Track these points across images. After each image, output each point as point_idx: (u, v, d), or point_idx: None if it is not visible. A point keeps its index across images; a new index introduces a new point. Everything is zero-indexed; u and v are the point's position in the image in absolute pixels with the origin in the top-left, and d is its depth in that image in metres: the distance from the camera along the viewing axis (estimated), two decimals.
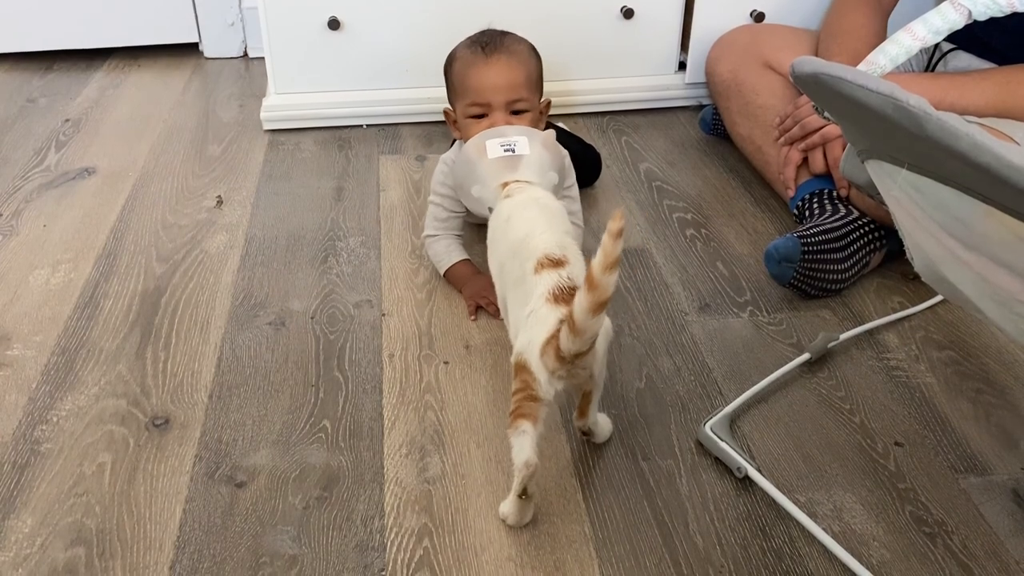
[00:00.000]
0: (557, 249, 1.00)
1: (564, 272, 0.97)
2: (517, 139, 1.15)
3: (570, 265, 0.98)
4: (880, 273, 1.38)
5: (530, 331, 0.94)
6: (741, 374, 1.18)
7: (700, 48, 1.84)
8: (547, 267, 0.98)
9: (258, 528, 0.97)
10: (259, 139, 1.83)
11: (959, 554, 0.94)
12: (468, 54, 1.32)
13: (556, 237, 1.02)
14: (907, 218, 0.78)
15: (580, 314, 0.85)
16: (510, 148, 1.14)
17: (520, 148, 1.15)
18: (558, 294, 0.95)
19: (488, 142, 1.15)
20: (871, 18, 1.49)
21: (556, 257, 0.99)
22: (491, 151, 1.15)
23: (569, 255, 1.00)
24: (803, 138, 1.43)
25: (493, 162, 1.14)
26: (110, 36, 2.20)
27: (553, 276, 0.97)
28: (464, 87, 1.31)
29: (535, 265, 0.99)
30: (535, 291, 0.97)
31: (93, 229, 1.51)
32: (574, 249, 1.02)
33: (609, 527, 0.97)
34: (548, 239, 1.01)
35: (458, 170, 1.21)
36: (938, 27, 0.73)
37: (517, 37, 1.35)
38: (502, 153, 1.14)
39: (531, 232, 1.03)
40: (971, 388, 1.16)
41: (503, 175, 1.13)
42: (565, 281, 0.96)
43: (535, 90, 1.33)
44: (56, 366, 1.20)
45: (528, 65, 1.32)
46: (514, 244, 1.04)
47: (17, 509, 0.99)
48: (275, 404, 1.13)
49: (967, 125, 0.58)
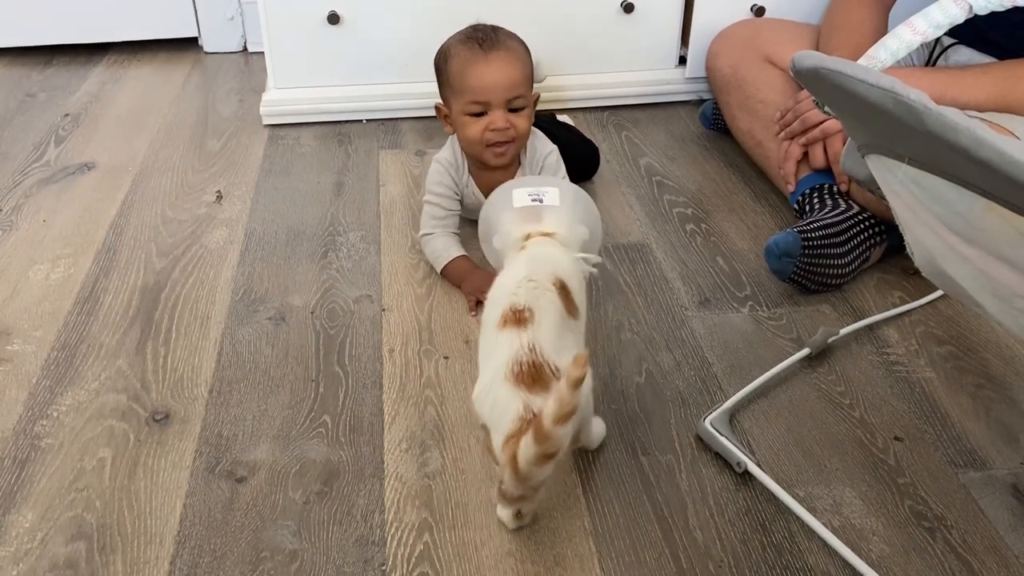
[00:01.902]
0: (523, 299, 0.90)
1: (526, 337, 0.87)
2: (547, 190, 1.06)
3: (534, 325, 0.88)
4: (880, 268, 1.38)
5: (492, 412, 0.87)
6: (741, 369, 1.18)
7: (700, 43, 1.84)
8: (510, 323, 0.89)
9: (258, 523, 0.97)
10: (259, 134, 1.82)
11: (958, 548, 0.94)
12: (465, 51, 1.31)
13: (529, 287, 0.91)
14: (907, 213, 0.78)
15: (524, 464, 0.78)
16: (538, 198, 1.05)
17: (549, 199, 1.05)
18: (518, 371, 0.85)
19: (515, 191, 1.06)
20: (872, 13, 1.49)
21: (519, 309, 0.89)
22: (517, 200, 1.05)
23: (537, 308, 0.89)
24: (803, 133, 1.42)
25: (518, 211, 1.04)
26: (109, 31, 2.20)
27: (515, 341, 0.87)
28: (463, 85, 1.30)
29: (499, 319, 0.90)
30: (497, 355, 0.88)
31: (93, 224, 1.51)
32: (545, 302, 0.91)
33: (609, 522, 0.97)
34: (518, 290, 0.91)
35: (483, 219, 1.13)
36: (939, 22, 0.73)
37: (508, 32, 1.34)
38: (528, 202, 1.05)
39: (511, 278, 0.94)
40: (971, 383, 1.16)
41: (526, 225, 1.02)
42: (526, 352, 0.86)
43: (529, 85, 1.33)
44: (56, 361, 1.20)
45: (524, 61, 1.32)
46: (495, 288, 0.98)
47: (18, 504, 0.99)
48: (275, 399, 1.13)
49: (967, 120, 0.58)
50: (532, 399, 0.83)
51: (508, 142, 1.32)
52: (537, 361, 0.85)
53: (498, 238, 1.05)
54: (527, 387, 0.84)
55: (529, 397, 0.83)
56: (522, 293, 0.91)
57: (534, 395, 0.83)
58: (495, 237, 1.06)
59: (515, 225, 1.03)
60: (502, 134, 1.30)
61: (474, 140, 1.32)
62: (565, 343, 0.90)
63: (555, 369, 0.86)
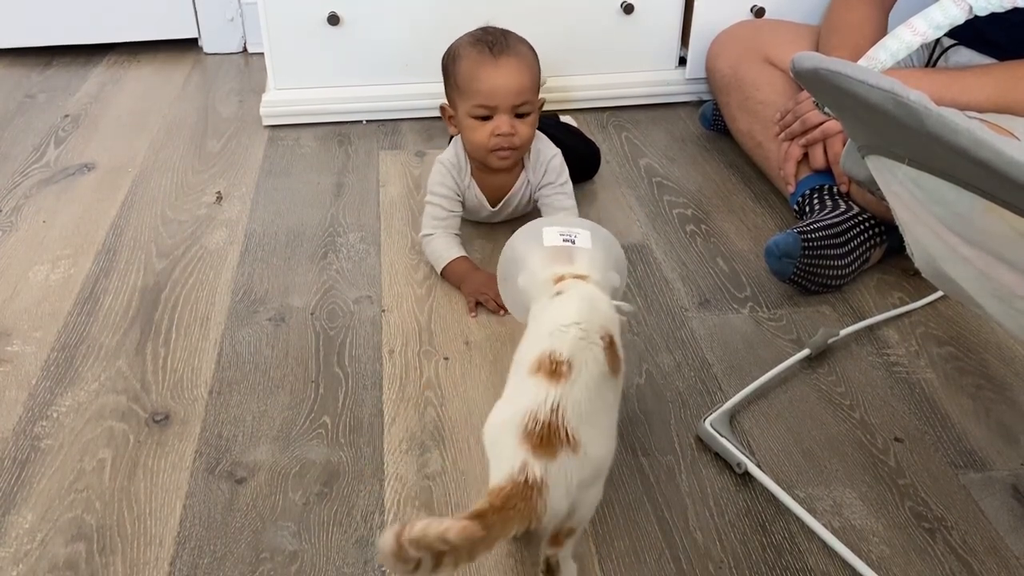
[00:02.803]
0: (567, 350, 0.83)
1: (554, 394, 0.80)
2: (579, 231, 1.00)
3: (568, 383, 0.81)
4: (880, 269, 1.38)
5: (491, 451, 0.83)
6: (741, 370, 1.18)
7: (700, 43, 1.84)
8: (543, 372, 0.82)
9: (258, 524, 0.97)
10: (259, 135, 1.82)
11: (959, 549, 0.94)
12: (475, 54, 1.30)
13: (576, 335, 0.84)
14: (907, 213, 0.78)
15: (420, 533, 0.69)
16: (570, 239, 0.98)
17: (581, 241, 0.98)
18: (531, 428, 0.79)
19: (546, 229, 0.99)
20: (872, 13, 1.49)
21: (559, 360, 0.82)
22: (548, 238, 0.98)
23: (577, 363, 0.83)
24: (803, 134, 1.42)
25: (548, 251, 0.98)
26: (109, 32, 2.20)
27: (540, 394, 0.81)
28: (471, 88, 1.30)
29: (535, 362, 0.83)
30: (519, 400, 0.82)
31: (93, 225, 1.51)
32: (588, 357, 0.84)
33: (609, 523, 0.97)
34: (564, 335, 0.84)
35: (505, 257, 1.05)
36: (939, 22, 0.73)
37: (518, 37, 1.34)
38: (559, 242, 0.98)
39: (561, 314, 0.87)
40: (971, 384, 1.16)
41: (557, 265, 0.95)
42: (547, 411, 0.79)
43: (536, 91, 1.34)
44: (56, 362, 1.20)
45: (533, 68, 1.32)
46: (532, 332, 0.91)
47: (17, 505, 0.99)
48: (275, 400, 1.13)
49: (967, 121, 0.58)
50: (533, 461, 0.77)
51: (512, 148, 1.32)
52: (554, 424, 0.79)
53: (524, 277, 0.98)
54: (533, 447, 0.78)
55: (530, 458, 0.78)
56: (568, 342, 0.84)
57: (536, 457, 0.78)
58: (521, 275, 0.99)
59: (544, 265, 0.96)
60: (506, 140, 1.30)
61: (478, 144, 1.32)
62: (598, 405, 0.83)
63: (572, 437, 0.79)
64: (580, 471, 0.79)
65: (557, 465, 0.78)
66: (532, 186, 1.41)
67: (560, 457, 0.78)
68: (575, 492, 0.79)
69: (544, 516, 0.77)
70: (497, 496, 0.76)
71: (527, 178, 1.40)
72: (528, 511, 0.76)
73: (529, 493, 0.76)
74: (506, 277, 1.04)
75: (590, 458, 0.80)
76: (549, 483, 0.77)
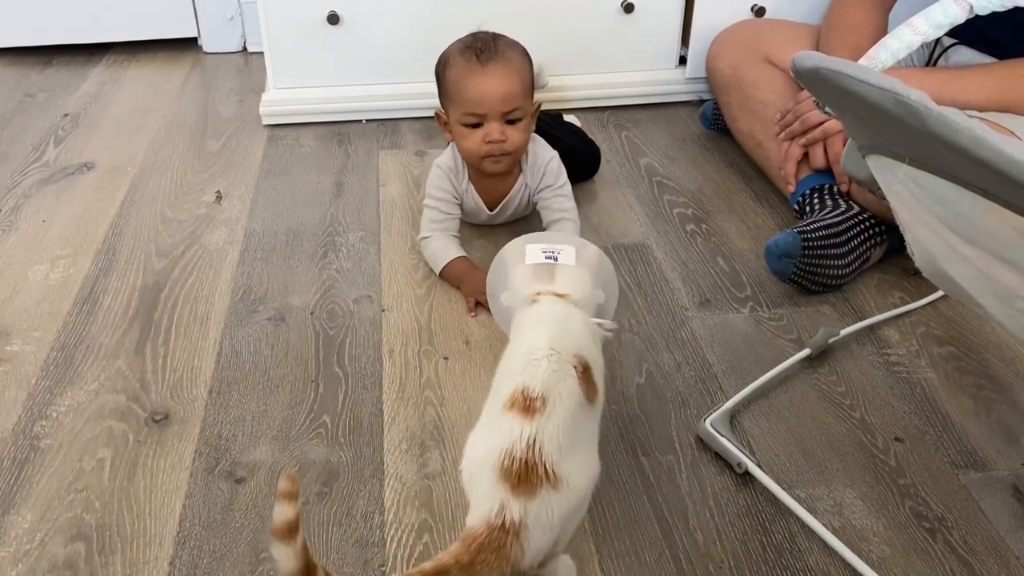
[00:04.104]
0: (539, 384, 0.80)
1: (529, 430, 0.78)
2: (562, 248, 0.97)
3: (541, 417, 0.79)
4: (881, 268, 1.38)
5: (469, 487, 0.81)
6: (741, 370, 1.18)
7: (701, 43, 1.84)
8: (516, 409, 0.80)
9: (258, 524, 0.96)
10: (258, 134, 1.82)
11: (959, 549, 0.94)
12: (463, 62, 1.29)
13: (547, 369, 0.82)
14: (908, 213, 0.78)
15: None
16: (552, 256, 0.97)
17: (564, 258, 0.97)
18: (507, 466, 0.77)
19: (529, 247, 0.98)
20: (872, 13, 1.48)
21: (532, 396, 0.80)
22: (530, 256, 0.97)
23: (551, 397, 0.80)
24: (804, 133, 1.42)
25: (529, 268, 0.96)
26: (109, 31, 2.20)
27: (515, 430, 0.78)
28: (459, 97, 1.30)
29: (508, 398, 0.81)
30: (494, 437, 0.80)
31: (92, 224, 1.51)
32: (563, 390, 0.81)
33: (609, 522, 0.97)
34: (536, 369, 0.82)
35: (492, 272, 1.04)
36: (939, 22, 0.73)
37: (510, 41, 1.33)
38: (542, 260, 0.97)
39: (532, 345, 0.85)
40: (972, 384, 1.16)
41: (537, 283, 0.94)
42: (522, 448, 0.77)
43: (529, 96, 1.33)
44: (55, 362, 1.20)
45: (523, 73, 1.31)
46: (507, 359, 0.88)
47: (17, 505, 0.99)
48: (275, 400, 1.13)
49: (968, 120, 0.58)
50: (511, 501, 0.76)
51: (504, 154, 1.32)
52: (531, 460, 0.77)
53: (507, 295, 0.98)
54: (511, 486, 0.76)
55: (509, 498, 0.76)
56: (539, 376, 0.81)
57: (516, 497, 0.76)
58: (504, 294, 0.98)
59: (526, 283, 0.95)
60: (497, 146, 1.30)
61: (471, 150, 1.32)
62: (578, 436, 0.81)
63: (551, 473, 0.77)
64: (564, 505, 0.77)
65: (537, 504, 0.76)
66: (531, 189, 1.41)
67: (540, 495, 0.76)
68: (558, 527, 0.77)
69: (524, 559, 0.76)
70: (466, 550, 0.74)
71: (525, 182, 1.40)
72: (500, 561, 0.74)
73: (504, 539, 0.75)
74: (493, 293, 1.03)
75: (574, 490, 0.78)
76: (528, 524, 0.75)
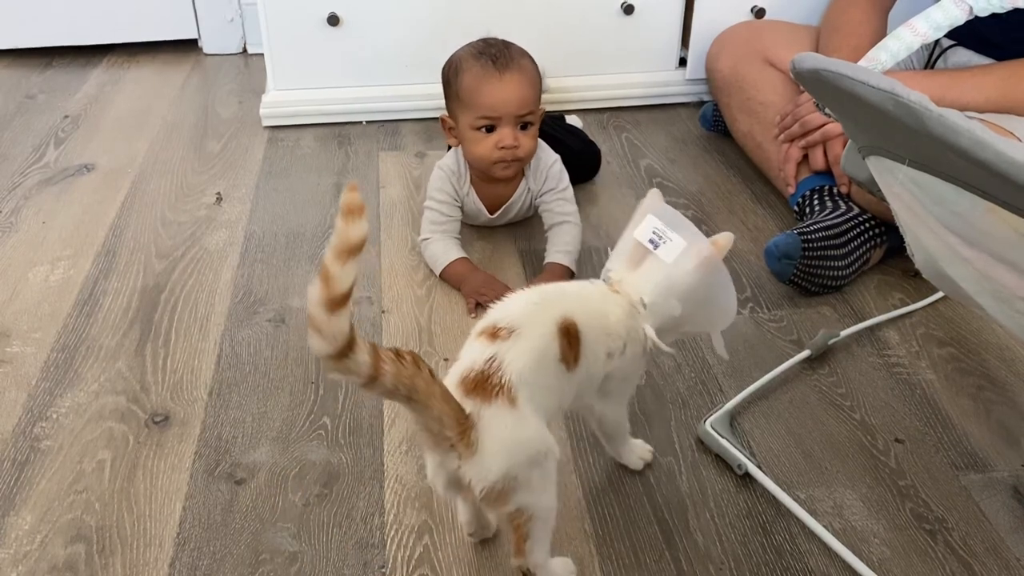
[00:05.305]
0: (511, 319, 0.81)
1: (490, 350, 0.79)
2: (671, 240, 0.87)
3: (504, 343, 0.79)
4: (881, 269, 1.38)
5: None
6: (741, 371, 1.18)
7: (701, 44, 1.84)
8: (484, 336, 0.81)
9: (258, 525, 0.96)
10: (258, 135, 1.82)
11: (959, 551, 0.94)
12: (478, 68, 1.30)
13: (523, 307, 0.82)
14: (908, 214, 0.78)
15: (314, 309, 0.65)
16: (656, 242, 0.87)
17: (663, 252, 0.86)
18: (466, 376, 0.78)
19: (649, 217, 0.88)
20: (871, 14, 1.48)
21: (499, 326, 0.80)
22: (640, 231, 0.88)
23: (523, 332, 0.80)
24: (803, 135, 1.43)
25: (629, 242, 0.89)
26: (109, 32, 2.20)
27: (476, 353, 0.79)
28: (474, 102, 1.30)
29: (479, 329, 0.82)
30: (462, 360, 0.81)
31: (92, 226, 1.51)
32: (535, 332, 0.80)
33: (609, 524, 0.97)
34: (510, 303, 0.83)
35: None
36: (939, 23, 0.73)
37: (520, 49, 1.34)
38: (645, 240, 0.87)
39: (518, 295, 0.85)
40: (972, 385, 1.16)
41: (621, 262, 0.89)
42: (481, 364, 0.78)
43: (538, 103, 1.34)
44: (56, 363, 1.20)
45: (535, 80, 1.33)
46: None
47: (17, 506, 0.99)
48: (275, 401, 1.13)
49: (968, 121, 0.58)
50: (466, 401, 0.76)
51: (515, 159, 1.32)
52: (488, 372, 0.77)
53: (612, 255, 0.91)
54: (466, 390, 0.77)
55: (464, 398, 0.76)
56: (511, 310, 0.82)
57: (470, 398, 0.76)
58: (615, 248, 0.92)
59: (618, 254, 0.89)
60: (510, 152, 1.31)
61: (481, 156, 1.32)
62: (541, 378, 0.80)
63: (507, 389, 0.77)
64: (519, 429, 0.76)
65: (492, 411, 0.75)
66: (533, 193, 1.41)
67: (495, 405, 0.75)
68: (508, 454, 0.76)
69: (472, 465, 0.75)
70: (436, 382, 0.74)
71: (527, 186, 1.40)
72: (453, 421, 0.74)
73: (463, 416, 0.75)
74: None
75: (530, 422, 0.77)
76: (481, 427, 0.75)
